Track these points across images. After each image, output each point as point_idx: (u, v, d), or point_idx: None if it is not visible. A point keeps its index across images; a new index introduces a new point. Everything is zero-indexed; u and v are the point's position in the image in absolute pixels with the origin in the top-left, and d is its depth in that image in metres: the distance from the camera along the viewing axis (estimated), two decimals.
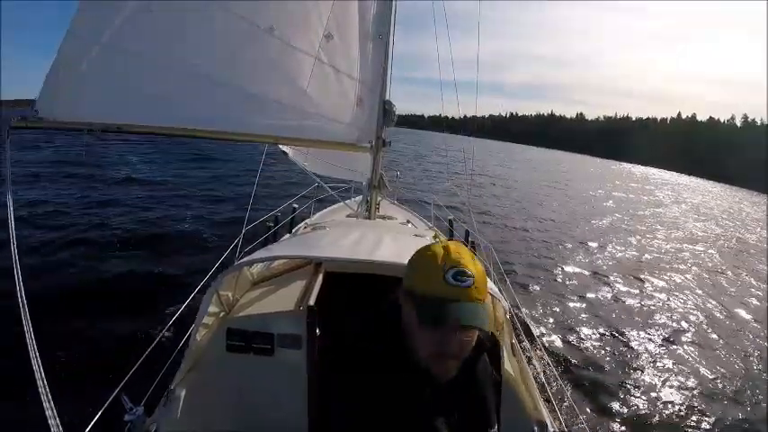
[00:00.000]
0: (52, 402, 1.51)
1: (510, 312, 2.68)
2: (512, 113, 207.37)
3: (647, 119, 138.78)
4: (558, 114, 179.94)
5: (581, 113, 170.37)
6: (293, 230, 5.47)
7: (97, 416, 1.95)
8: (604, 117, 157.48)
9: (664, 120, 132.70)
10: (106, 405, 2.01)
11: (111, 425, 1.99)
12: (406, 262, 2.53)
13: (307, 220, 5.85)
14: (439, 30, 5.40)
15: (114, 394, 2.03)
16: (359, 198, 6.39)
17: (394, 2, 4.10)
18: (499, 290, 2.81)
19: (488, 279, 2.78)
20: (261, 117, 3.38)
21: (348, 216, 5.48)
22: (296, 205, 6.57)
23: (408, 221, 5.70)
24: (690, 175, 77.32)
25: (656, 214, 25.09)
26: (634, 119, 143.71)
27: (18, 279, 1.84)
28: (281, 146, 5.17)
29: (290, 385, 2.61)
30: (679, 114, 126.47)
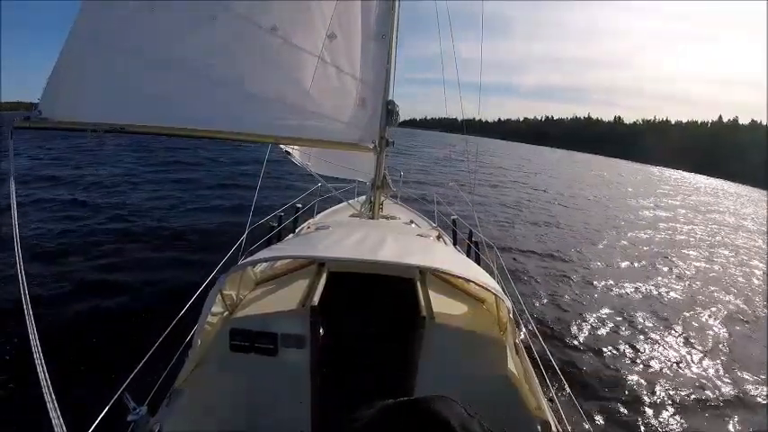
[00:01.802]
0: (56, 403, 1.51)
1: (513, 312, 2.67)
2: (547, 117, 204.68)
3: (688, 122, 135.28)
4: (595, 118, 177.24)
5: (619, 117, 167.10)
6: (297, 230, 5.48)
7: (100, 416, 1.95)
8: (643, 120, 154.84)
9: (704, 123, 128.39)
10: (109, 405, 2.01)
11: (115, 425, 1.98)
12: (408, 262, 2.55)
13: (310, 221, 5.86)
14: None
15: (117, 394, 2.03)
16: (362, 198, 6.39)
17: (397, 2, 4.10)
18: (503, 289, 2.81)
19: (492, 278, 2.78)
20: (263, 117, 3.36)
21: (351, 216, 5.48)
22: (299, 205, 6.57)
23: (412, 221, 5.70)
24: (733, 181, 73.52)
25: None
26: (673, 122, 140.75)
27: (21, 279, 1.84)
28: (282, 146, 5.18)
29: (293, 385, 2.61)
30: (720, 118, 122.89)
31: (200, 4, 3.02)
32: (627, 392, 5.64)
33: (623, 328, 7.68)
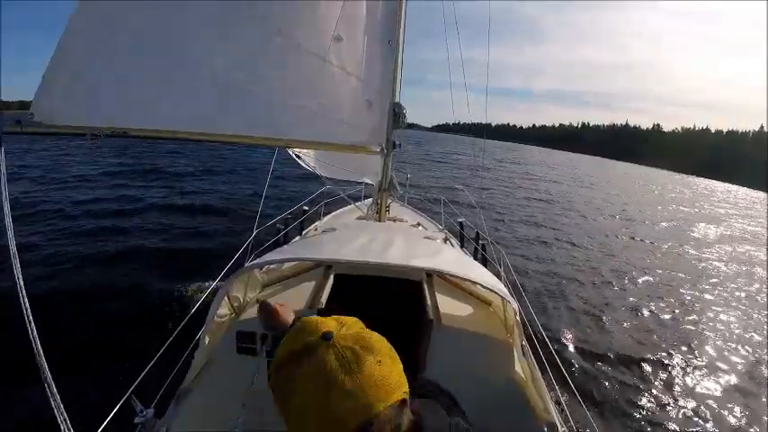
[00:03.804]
0: (62, 407, 1.51)
1: (520, 314, 2.66)
2: (583, 123, 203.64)
3: (728, 132, 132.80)
4: (633, 125, 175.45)
5: (658, 125, 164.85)
6: (303, 233, 5.49)
7: (108, 418, 1.96)
8: (682, 129, 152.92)
9: (746, 133, 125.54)
10: (117, 407, 2.02)
11: (122, 427, 1.99)
12: (415, 264, 2.55)
13: (317, 223, 5.87)
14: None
15: (125, 397, 2.04)
16: (369, 200, 6.39)
17: (404, 3, 4.09)
18: (510, 291, 2.80)
19: (498, 281, 2.77)
20: (268, 120, 3.33)
21: (358, 218, 5.48)
22: (306, 207, 6.58)
23: (418, 224, 5.69)
24: None
25: None
26: (714, 131, 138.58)
27: (19, 281, 1.83)
28: (288, 149, 5.18)
29: None
30: (762, 127, 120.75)
31: (203, 4, 2.99)
32: (634, 395, 5.61)
33: (633, 329, 7.64)
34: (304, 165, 5.92)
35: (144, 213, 11.79)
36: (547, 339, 3.28)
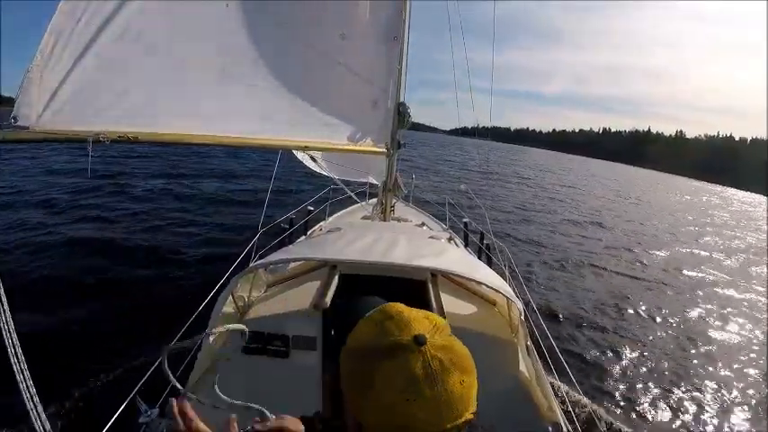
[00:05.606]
0: (37, 399, 1.50)
1: (525, 314, 2.66)
2: (604, 128, 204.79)
3: (753, 139, 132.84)
4: (654, 132, 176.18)
5: (681, 131, 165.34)
6: (308, 232, 5.49)
7: (113, 418, 1.96)
8: (705, 136, 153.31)
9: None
10: (122, 407, 2.03)
11: (127, 427, 2.00)
12: (419, 264, 2.55)
13: (322, 223, 5.87)
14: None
15: (130, 396, 2.04)
16: (374, 200, 6.39)
17: (408, 2, 4.07)
18: (514, 291, 2.80)
19: (503, 281, 2.77)
20: (273, 121, 3.27)
21: (363, 218, 5.48)
22: (311, 207, 6.58)
23: (423, 224, 5.68)
24: None
25: None
26: (738, 138, 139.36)
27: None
28: (294, 150, 5.17)
29: (304, 387, 2.62)
30: None
31: (214, 3, 2.88)
32: (638, 395, 5.59)
33: (638, 330, 7.60)
34: (311, 165, 5.92)
35: (149, 214, 11.79)
36: (552, 339, 3.28)
